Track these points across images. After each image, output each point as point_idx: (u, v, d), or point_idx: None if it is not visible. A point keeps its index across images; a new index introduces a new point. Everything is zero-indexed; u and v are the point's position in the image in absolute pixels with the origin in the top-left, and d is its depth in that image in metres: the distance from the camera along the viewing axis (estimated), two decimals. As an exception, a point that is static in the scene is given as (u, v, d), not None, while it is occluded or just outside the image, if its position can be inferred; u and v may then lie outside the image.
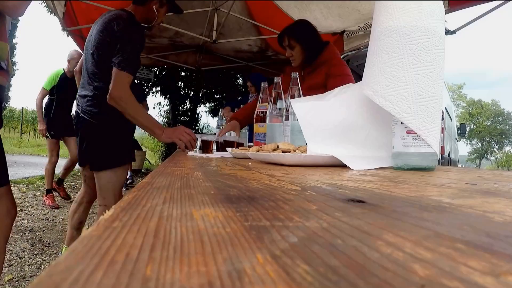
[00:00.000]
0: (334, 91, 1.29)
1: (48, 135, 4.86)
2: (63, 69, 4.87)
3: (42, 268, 2.87)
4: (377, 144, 1.13)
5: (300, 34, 2.40)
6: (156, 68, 10.44)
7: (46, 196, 4.88)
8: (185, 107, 12.10)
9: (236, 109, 3.20)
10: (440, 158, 6.28)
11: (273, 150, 1.22)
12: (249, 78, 4.91)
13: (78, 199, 2.61)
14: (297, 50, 2.40)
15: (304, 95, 1.56)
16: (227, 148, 1.71)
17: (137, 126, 2.31)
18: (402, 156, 0.95)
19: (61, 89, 4.82)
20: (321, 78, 2.30)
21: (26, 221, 4.12)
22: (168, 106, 11.86)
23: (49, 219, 4.25)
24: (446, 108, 7.47)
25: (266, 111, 1.78)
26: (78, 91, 2.34)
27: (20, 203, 4.81)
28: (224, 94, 12.24)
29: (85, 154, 2.31)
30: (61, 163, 5.16)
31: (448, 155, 7.68)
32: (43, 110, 4.88)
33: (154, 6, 2.26)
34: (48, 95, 4.90)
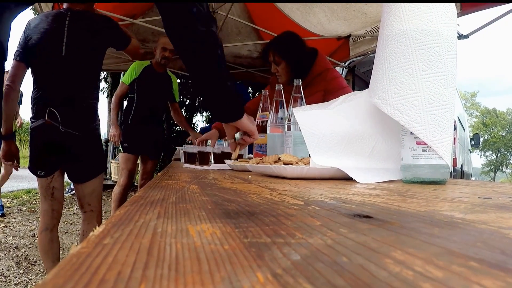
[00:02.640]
0: (339, 99, 1.29)
1: (121, 147, 3.99)
2: (151, 61, 4.01)
3: (28, 288, 2.85)
4: (385, 156, 1.13)
5: (285, 49, 2.34)
6: (149, 75, 10.46)
7: None
8: (180, 116, 12.12)
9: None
10: (452, 170, 6.29)
11: (274, 162, 1.22)
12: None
13: (47, 224, 2.39)
14: (283, 67, 2.35)
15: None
16: (225, 160, 1.71)
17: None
18: (411, 169, 0.95)
19: (144, 86, 3.91)
20: (319, 96, 2.24)
21: (11, 237, 4.11)
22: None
23: (36, 236, 4.22)
24: (458, 117, 7.49)
25: (266, 121, 1.78)
26: (42, 102, 2.28)
27: (5, 218, 4.79)
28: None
29: (61, 162, 2.33)
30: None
31: (461, 167, 7.67)
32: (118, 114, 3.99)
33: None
34: (128, 93, 3.96)
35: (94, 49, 2.26)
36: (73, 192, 6.71)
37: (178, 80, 11.35)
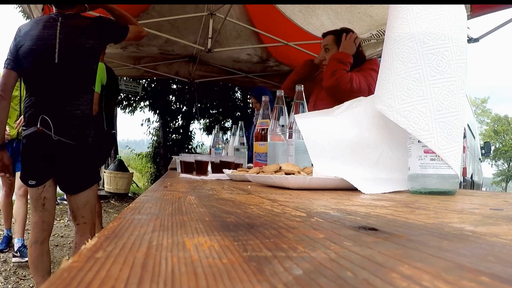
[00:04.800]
0: (343, 105, 1.29)
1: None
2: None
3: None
4: (391, 165, 1.13)
5: (341, 38, 2.61)
6: (144, 80, 10.50)
7: None
8: (177, 123, 12.14)
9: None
10: (462, 180, 6.28)
11: (275, 171, 1.22)
12: (251, 93, 4.89)
13: (37, 236, 2.36)
14: (331, 54, 2.58)
15: (320, 99, 1.55)
16: (224, 170, 1.71)
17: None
18: (419, 179, 0.95)
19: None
20: None
21: (-2, 251, 4.09)
22: (158, 123, 11.89)
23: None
24: (468, 125, 7.50)
25: (267, 128, 1.78)
26: (34, 109, 2.27)
27: (-8, 230, 4.77)
28: (221, 109, 12.28)
29: (52, 171, 2.32)
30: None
31: (471, 177, 7.67)
32: None
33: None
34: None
35: (87, 54, 2.26)
36: (65, 201, 6.61)
37: (174, 86, 11.42)
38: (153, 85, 11.34)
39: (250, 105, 12.52)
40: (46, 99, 2.24)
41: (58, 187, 2.41)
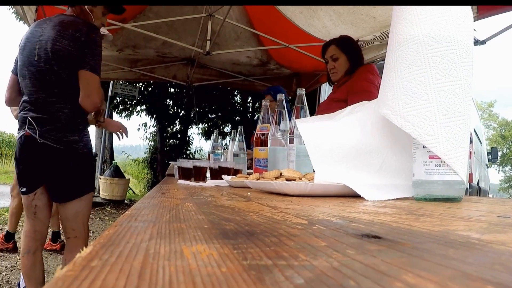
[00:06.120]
0: (345, 109, 1.29)
1: None
2: None
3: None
4: (395, 171, 1.13)
5: (347, 44, 2.77)
6: (141, 84, 10.51)
7: None
8: (174, 128, 12.15)
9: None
10: (468, 187, 6.27)
11: (276, 178, 1.22)
12: (268, 91, 4.80)
13: (29, 246, 2.34)
14: (341, 62, 2.70)
15: (326, 107, 1.55)
16: (223, 176, 1.71)
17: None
18: (424, 185, 0.95)
19: None
20: (344, 92, 2.53)
21: (-10, 260, 4.08)
22: (155, 127, 11.91)
23: (19, 258, 4.20)
24: (474, 130, 7.50)
25: (267, 133, 1.78)
26: (24, 112, 2.28)
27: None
28: (219, 114, 12.29)
29: (42, 178, 2.30)
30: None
31: (477, 183, 7.67)
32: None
33: (86, 6, 2.40)
34: None
35: (70, 55, 2.20)
36: None
37: (172, 90, 11.43)
38: (150, 89, 11.36)
39: (250, 109, 12.58)
40: (30, 99, 2.25)
41: None
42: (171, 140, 12.08)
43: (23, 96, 2.28)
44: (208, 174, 2.13)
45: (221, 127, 12.34)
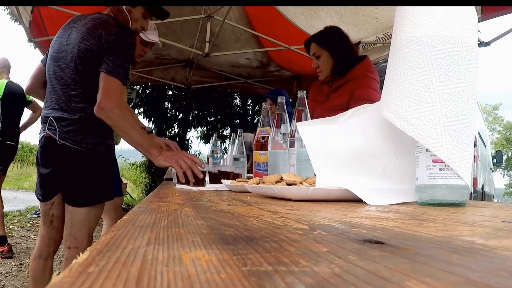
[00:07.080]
0: (347, 113, 1.29)
1: None
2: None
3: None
4: (398, 175, 1.13)
5: (326, 38, 2.54)
6: (138, 86, 10.52)
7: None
8: (172, 131, 12.14)
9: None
10: (472, 191, 6.27)
11: (276, 182, 1.22)
12: (269, 95, 4.81)
13: (41, 250, 2.33)
14: (324, 59, 2.50)
15: (324, 116, 1.54)
16: (222, 180, 1.71)
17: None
18: (427, 189, 0.95)
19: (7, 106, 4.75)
20: (345, 98, 2.36)
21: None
22: (153, 131, 11.89)
23: (14, 264, 4.20)
24: (479, 133, 7.50)
25: (267, 137, 1.78)
26: (46, 111, 2.25)
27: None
28: (219, 117, 12.28)
29: (60, 185, 2.24)
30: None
31: (482, 188, 7.65)
32: None
33: (124, 7, 2.32)
34: None
35: (94, 54, 2.13)
36: (38, 214, 6.40)
37: (170, 92, 11.42)
38: (147, 91, 11.36)
39: (250, 112, 12.58)
40: (51, 98, 2.22)
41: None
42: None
43: (48, 93, 2.25)
44: (207, 179, 2.13)
45: (220, 130, 12.34)
